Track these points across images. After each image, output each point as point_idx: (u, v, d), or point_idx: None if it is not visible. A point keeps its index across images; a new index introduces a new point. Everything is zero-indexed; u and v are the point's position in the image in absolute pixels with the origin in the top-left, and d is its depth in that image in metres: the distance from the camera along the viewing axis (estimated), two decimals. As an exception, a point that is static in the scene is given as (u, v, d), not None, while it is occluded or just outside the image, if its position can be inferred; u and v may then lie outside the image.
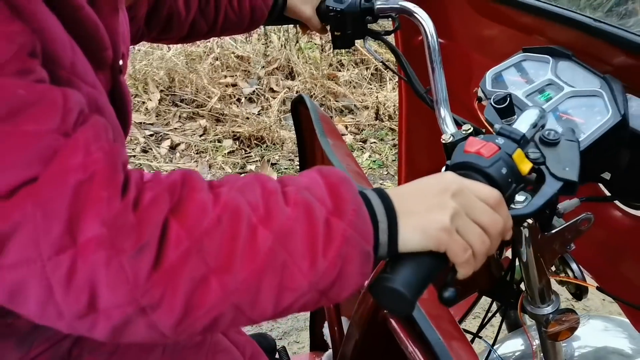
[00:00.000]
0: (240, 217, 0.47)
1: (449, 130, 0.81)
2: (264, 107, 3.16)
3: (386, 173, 2.83)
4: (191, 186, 0.48)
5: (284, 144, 2.93)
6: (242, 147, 2.92)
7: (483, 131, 0.73)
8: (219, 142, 2.91)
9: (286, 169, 2.80)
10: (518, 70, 0.82)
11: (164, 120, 3.04)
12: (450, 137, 0.71)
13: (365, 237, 0.50)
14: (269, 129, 2.93)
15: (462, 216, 0.53)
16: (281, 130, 2.99)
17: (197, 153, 2.86)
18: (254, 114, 3.08)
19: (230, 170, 2.76)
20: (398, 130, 1.38)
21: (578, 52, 0.80)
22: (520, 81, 0.81)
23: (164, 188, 0.47)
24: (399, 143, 1.38)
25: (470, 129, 0.73)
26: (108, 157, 0.46)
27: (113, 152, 0.47)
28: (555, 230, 0.69)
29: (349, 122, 3.13)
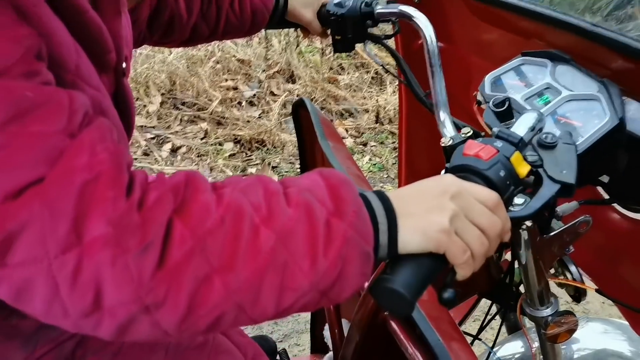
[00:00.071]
0: (242, 218, 0.48)
1: (449, 133, 0.82)
2: (265, 111, 3.17)
3: (386, 176, 2.84)
4: (195, 187, 0.49)
5: (285, 147, 2.94)
6: (243, 150, 2.92)
7: (482, 134, 0.74)
8: (220, 145, 2.92)
9: (287, 172, 2.81)
10: (517, 74, 0.83)
11: (165, 123, 3.05)
12: (449, 140, 0.72)
13: (365, 238, 0.51)
14: (270, 132, 2.94)
15: (461, 218, 0.54)
16: (282, 133, 3.00)
17: (198, 156, 2.87)
18: (255, 117, 3.09)
19: (231, 173, 2.76)
20: (398, 133, 1.38)
21: (576, 56, 0.81)
22: (519, 85, 0.81)
23: (168, 189, 0.48)
24: (399, 146, 1.39)
25: (469, 132, 0.73)
26: (113, 158, 0.46)
27: (118, 153, 0.47)
28: (554, 232, 0.69)
29: (350, 126, 3.14)
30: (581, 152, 0.67)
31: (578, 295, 0.77)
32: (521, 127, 0.64)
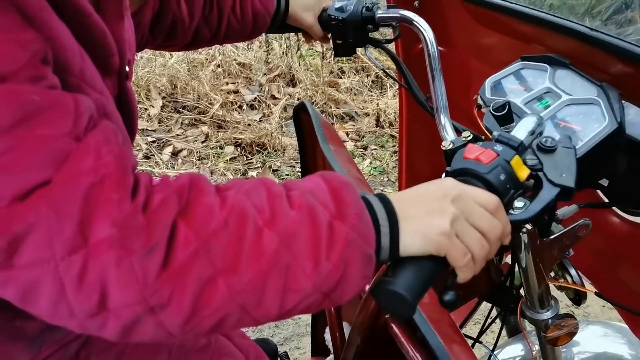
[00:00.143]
0: (246, 220, 0.48)
1: (449, 137, 0.82)
2: (266, 114, 3.18)
3: (387, 179, 2.84)
4: (199, 189, 0.49)
5: (285, 151, 2.94)
6: (244, 154, 2.93)
7: (482, 138, 0.75)
8: (221, 149, 2.93)
9: (287, 175, 2.81)
10: (517, 78, 0.83)
11: (166, 126, 3.06)
12: (450, 144, 0.73)
13: (367, 241, 0.51)
14: (271, 136, 2.94)
15: (462, 221, 0.54)
16: (282, 136, 3.00)
17: (199, 159, 2.87)
18: (256, 121, 3.10)
19: (231, 176, 2.77)
20: (398, 137, 1.39)
21: (575, 61, 0.81)
22: (519, 89, 0.82)
23: (173, 191, 0.48)
24: (400, 150, 1.39)
25: (469, 136, 0.74)
26: (118, 161, 0.47)
27: (123, 156, 0.48)
28: (554, 236, 0.70)
29: (350, 129, 3.14)
30: (581, 156, 0.67)
31: (578, 298, 0.77)
32: (521, 131, 0.64)
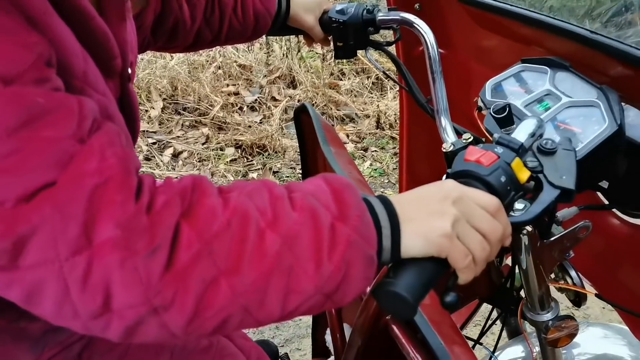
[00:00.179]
0: (249, 221, 0.48)
1: (450, 139, 0.82)
2: (266, 116, 3.18)
3: (387, 181, 2.84)
4: (201, 191, 0.50)
5: (286, 152, 2.95)
6: (244, 155, 2.93)
7: (483, 140, 0.75)
8: (221, 150, 2.93)
9: (288, 177, 2.81)
10: (517, 80, 0.84)
11: (167, 128, 3.06)
12: (450, 146, 0.73)
13: (368, 242, 0.51)
14: (271, 137, 2.95)
15: (463, 223, 0.54)
16: (283, 138, 3.01)
17: (200, 161, 2.88)
18: (256, 123, 3.10)
19: (232, 178, 2.77)
20: (399, 138, 1.39)
21: (575, 63, 0.82)
22: (519, 91, 0.82)
23: (176, 192, 0.48)
24: (400, 151, 1.40)
25: (470, 138, 0.74)
26: (122, 162, 0.47)
27: (126, 157, 0.48)
28: (554, 237, 0.70)
29: (350, 131, 3.15)
30: (581, 158, 0.68)
31: (578, 299, 0.78)
32: (521, 133, 0.64)
